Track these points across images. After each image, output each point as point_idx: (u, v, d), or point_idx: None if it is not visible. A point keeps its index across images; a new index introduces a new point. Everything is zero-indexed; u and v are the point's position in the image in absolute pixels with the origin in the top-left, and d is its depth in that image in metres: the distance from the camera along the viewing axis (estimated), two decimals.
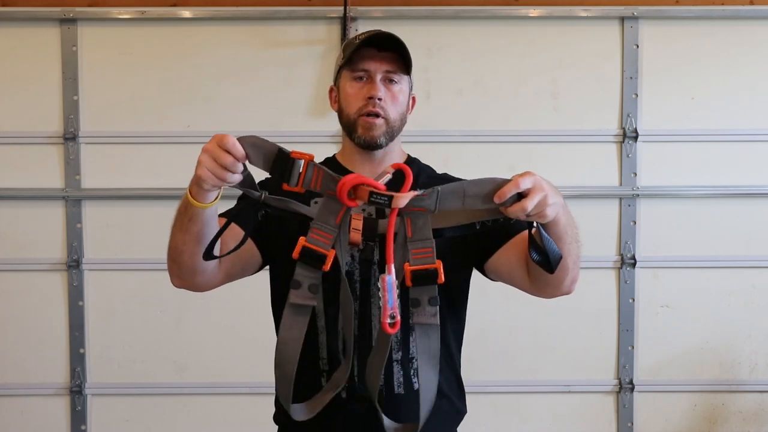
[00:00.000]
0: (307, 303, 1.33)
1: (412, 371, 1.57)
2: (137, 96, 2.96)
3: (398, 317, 1.30)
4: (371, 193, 1.27)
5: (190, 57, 2.95)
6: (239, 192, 1.38)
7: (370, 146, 1.61)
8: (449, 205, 1.30)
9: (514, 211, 1.26)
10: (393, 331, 1.30)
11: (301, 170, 1.29)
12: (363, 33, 1.64)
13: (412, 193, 1.28)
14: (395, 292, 1.30)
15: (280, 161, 1.29)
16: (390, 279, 1.30)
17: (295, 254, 1.31)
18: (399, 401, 1.55)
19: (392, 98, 1.61)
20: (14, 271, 2.97)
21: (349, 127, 1.63)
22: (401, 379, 1.57)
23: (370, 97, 1.58)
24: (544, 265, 1.35)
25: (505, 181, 1.26)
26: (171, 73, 2.95)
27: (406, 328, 1.54)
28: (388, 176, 1.33)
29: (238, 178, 1.29)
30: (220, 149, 1.26)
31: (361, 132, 1.60)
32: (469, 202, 1.29)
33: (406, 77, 1.63)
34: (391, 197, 1.27)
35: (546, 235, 1.32)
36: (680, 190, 2.98)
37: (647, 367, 3.02)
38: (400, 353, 1.56)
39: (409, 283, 1.32)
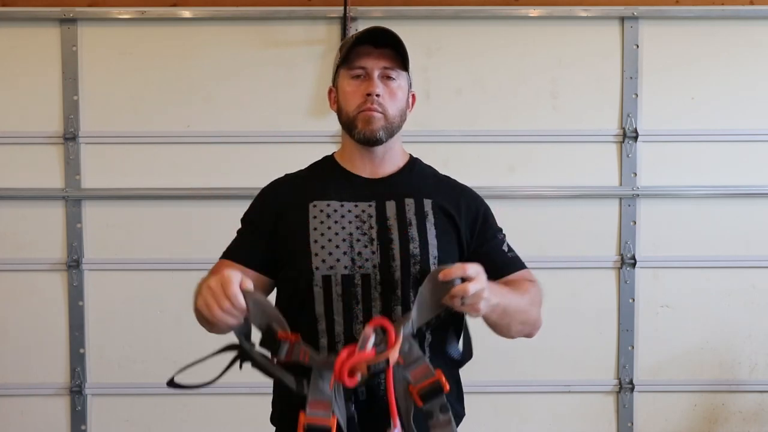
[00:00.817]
0: None
1: None
2: (137, 96, 2.96)
3: None
4: (369, 367, 1.33)
5: (190, 57, 2.95)
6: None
7: (370, 141, 1.60)
8: (421, 318, 1.40)
9: (456, 292, 1.32)
10: None
11: (286, 350, 1.37)
12: (359, 31, 1.64)
13: (399, 340, 1.34)
14: None
15: (268, 337, 1.37)
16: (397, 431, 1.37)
17: None
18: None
19: (390, 94, 1.60)
20: (14, 271, 2.97)
21: (348, 124, 1.62)
22: None
23: (368, 94, 1.58)
24: (452, 361, 1.49)
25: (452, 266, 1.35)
26: (171, 73, 2.95)
27: None
28: (372, 338, 1.35)
29: (234, 322, 1.35)
30: (222, 294, 1.31)
31: (360, 126, 1.59)
32: (431, 303, 1.39)
33: (404, 73, 1.63)
34: (387, 360, 1.33)
35: (468, 333, 1.50)
36: (680, 190, 2.98)
37: (647, 367, 3.02)
38: None
39: (420, 403, 1.37)
